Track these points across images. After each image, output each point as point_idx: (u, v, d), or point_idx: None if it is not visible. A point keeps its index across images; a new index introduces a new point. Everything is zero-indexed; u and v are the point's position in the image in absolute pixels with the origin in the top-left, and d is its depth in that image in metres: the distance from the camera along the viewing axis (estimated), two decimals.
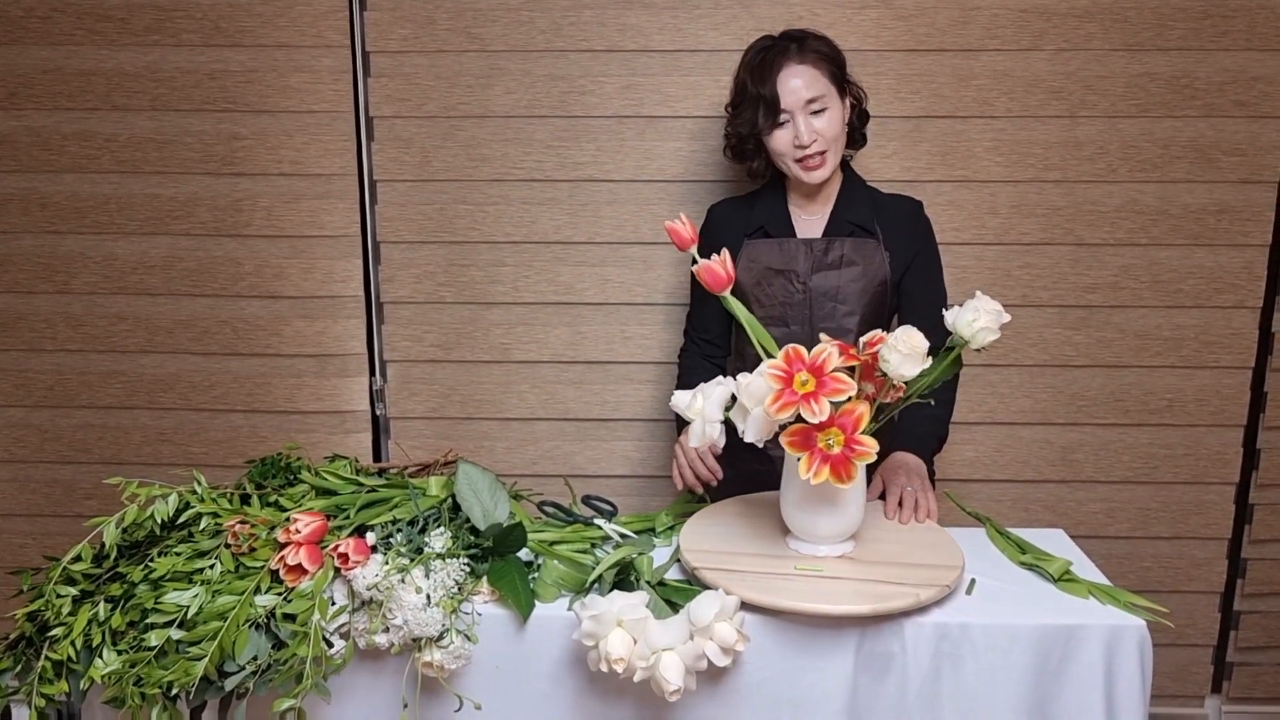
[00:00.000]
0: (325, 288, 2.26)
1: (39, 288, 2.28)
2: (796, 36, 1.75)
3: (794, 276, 1.79)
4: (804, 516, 1.43)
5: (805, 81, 1.71)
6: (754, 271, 1.81)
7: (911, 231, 1.84)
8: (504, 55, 2.17)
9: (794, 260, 1.80)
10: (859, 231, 1.81)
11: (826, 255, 1.79)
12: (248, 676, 1.30)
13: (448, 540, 1.38)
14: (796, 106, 1.71)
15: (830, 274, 1.79)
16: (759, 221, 1.84)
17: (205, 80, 2.18)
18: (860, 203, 1.83)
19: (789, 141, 1.73)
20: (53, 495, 2.36)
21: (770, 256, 1.81)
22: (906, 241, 1.82)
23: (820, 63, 1.72)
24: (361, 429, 2.32)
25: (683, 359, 1.98)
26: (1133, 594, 1.41)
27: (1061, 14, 2.12)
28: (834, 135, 1.73)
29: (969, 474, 2.30)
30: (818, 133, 1.71)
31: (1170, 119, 2.15)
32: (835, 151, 1.75)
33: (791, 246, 1.81)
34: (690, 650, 1.26)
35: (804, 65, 1.71)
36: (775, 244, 1.82)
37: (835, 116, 1.73)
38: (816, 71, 1.71)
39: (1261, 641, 2.37)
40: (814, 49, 1.73)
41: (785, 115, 1.72)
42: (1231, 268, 2.20)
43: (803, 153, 1.72)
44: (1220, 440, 2.27)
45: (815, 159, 1.73)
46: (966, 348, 1.37)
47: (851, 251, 1.79)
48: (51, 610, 1.35)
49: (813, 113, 1.71)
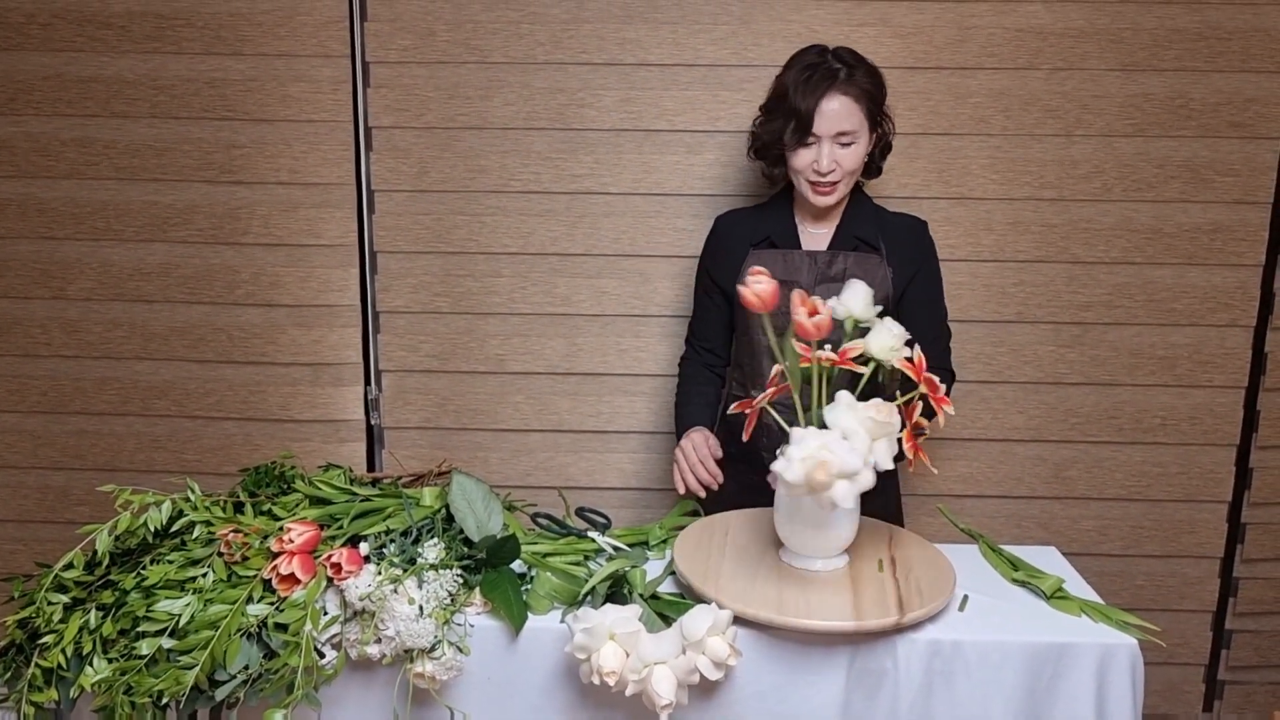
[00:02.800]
0: (322, 296, 2.26)
1: (35, 293, 2.28)
2: (849, 62, 1.74)
3: (798, 288, 1.79)
4: (797, 531, 1.43)
5: (843, 113, 1.71)
6: None
7: (915, 249, 1.86)
8: (503, 67, 2.18)
9: (798, 272, 1.81)
10: (863, 246, 1.83)
11: (830, 268, 1.81)
12: (239, 686, 1.29)
13: (441, 551, 1.38)
14: (827, 133, 1.72)
15: (834, 286, 1.78)
16: (765, 232, 1.86)
17: (205, 88, 2.19)
18: (866, 219, 1.85)
19: (809, 163, 1.74)
20: (45, 501, 2.36)
21: (774, 267, 1.81)
22: (909, 259, 1.85)
23: (862, 97, 1.73)
24: (356, 438, 2.32)
25: (684, 367, 2.00)
26: (1125, 612, 1.41)
27: (1058, 33, 2.13)
28: (852, 168, 1.76)
29: (962, 490, 2.31)
30: (839, 163, 1.73)
31: (1165, 139, 2.16)
32: (848, 182, 1.78)
33: (796, 258, 1.82)
34: (682, 664, 1.26)
35: (847, 97, 1.72)
36: (780, 255, 1.83)
37: (860, 151, 1.75)
38: (856, 106, 1.72)
39: (1253, 661, 2.37)
40: (861, 83, 1.73)
41: (813, 138, 1.73)
42: (1225, 287, 2.21)
43: (819, 178, 1.75)
44: (1213, 459, 2.28)
45: (828, 187, 1.76)
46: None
47: (855, 266, 1.81)
48: (42, 617, 1.34)
49: (841, 144, 1.73)
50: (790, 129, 1.73)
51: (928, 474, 2.22)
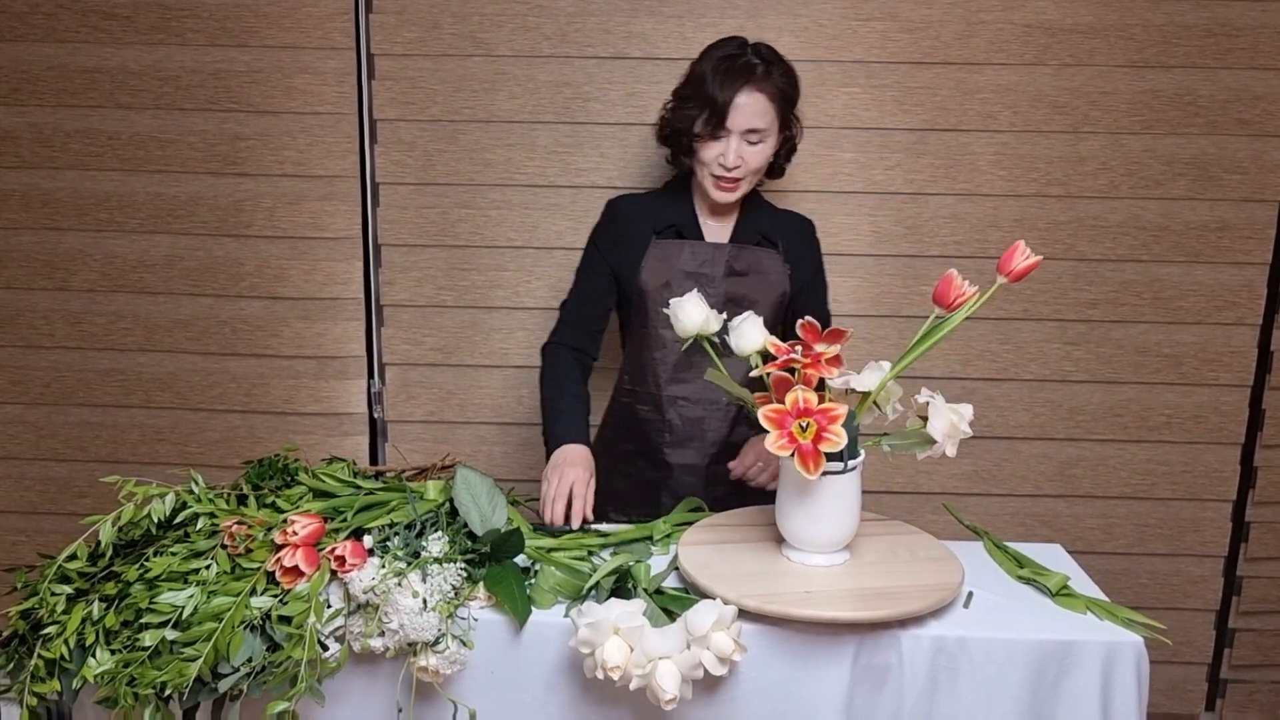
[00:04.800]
0: (325, 289, 2.26)
1: (38, 284, 2.27)
2: (767, 58, 1.71)
3: (707, 281, 1.78)
4: (800, 526, 1.43)
5: (757, 109, 1.68)
6: (662, 272, 1.78)
7: (807, 248, 1.87)
8: (509, 60, 2.17)
9: (708, 264, 1.78)
10: (764, 242, 1.82)
11: (737, 262, 1.79)
12: (242, 678, 1.29)
13: (445, 545, 1.38)
14: (738, 128, 1.69)
15: (741, 280, 1.79)
16: (669, 220, 1.82)
17: (209, 80, 2.18)
18: (764, 216, 1.85)
19: (715, 156, 1.71)
20: (47, 493, 2.36)
21: (683, 259, 1.79)
22: (803, 257, 1.85)
23: (777, 96, 1.70)
24: (359, 432, 2.32)
25: (550, 358, 1.84)
26: (1130, 610, 1.41)
27: (1066, 29, 2.12)
28: (757, 167, 1.73)
29: (967, 487, 2.30)
30: (745, 160, 1.71)
31: (1173, 136, 2.16)
32: (751, 180, 1.76)
33: (705, 250, 1.79)
34: (687, 659, 1.26)
35: (762, 94, 1.68)
36: (688, 246, 1.80)
37: (767, 150, 1.73)
38: (770, 104, 1.69)
39: (1256, 660, 2.37)
40: (777, 81, 1.70)
41: (724, 132, 1.69)
42: (1232, 285, 2.20)
43: (723, 173, 1.71)
44: (1218, 457, 2.27)
45: (731, 183, 1.73)
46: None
47: (758, 261, 1.80)
48: (45, 608, 1.34)
49: (750, 141, 1.70)
50: (703, 120, 1.69)
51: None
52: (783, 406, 1.33)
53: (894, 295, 2.23)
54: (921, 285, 2.22)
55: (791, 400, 1.32)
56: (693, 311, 1.48)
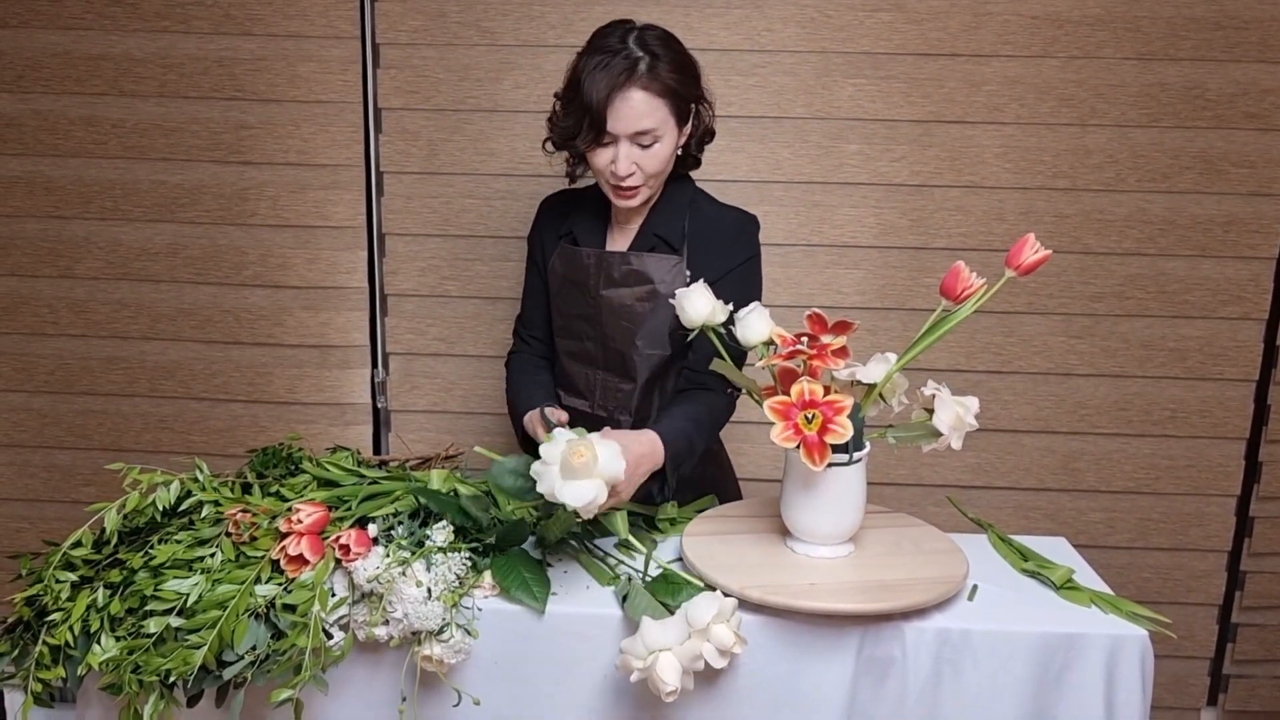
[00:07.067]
0: (329, 279, 2.26)
1: (42, 272, 2.27)
2: (653, 50, 1.54)
3: (584, 290, 1.68)
4: (803, 518, 1.43)
5: (642, 110, 1.52)
6: (555, 279, 1.73)
7: (729, 249, 1.66)
8: (514, 50, 2.16)
9: (584, 273, 1.67)
10: (662, 246, 1.66)
11: (615, 271, 1.65)
12: (246, 666, 1.29)
13: (450, 534, 1.38)
14: (623, 133, 1.53)
15: (620, 290, 1.65)
16: (570, 227, 1.72)
17: (214, 68, 2.18)
18: (675, 216, 1.67)
19: (606, 164, 1.56)
20: (51, 480, 2.36)
21: (567, 266, 1.70)
22: (717, 260, 1.64)
23: (665, 93, 1.53)
24: (362, 421, 2.32)
25: (513, 362, 1.82)
26: (1135, 604, 1.40)
27: (1074, 21, 2.11)
28: (655, 170, 1.58)
29: (970, 480, 2.30)
30: (638, 165, 1.56)
31: (1180, 129, 2.15)
32: (654, 183, 1.61)
33: (582, 258, 1.68)
34: (687, 651, 1.26)
35: (646, 93, 1.52)
36: (574, 254, 1.69)
37: (664, 151, 1.57)
38: (659, 102, 1.53)
39: (1258, 655, 2.37)
40: (663, 77, 1.53)
41: (609, 138, 1.54)
42: (1238, 279, 2.20)
43: (618, 181, 1.57)
44: (1222, 452, 2.27)
45: (629, 191, 1.59)
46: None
47: (646, 267, 1.64)
48: (50, 595, 1.34)
49: (641, 145, 1.55)
50: (585, 128, 1.53)
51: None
52: (788, 398, 1.33)
53: (899, 287, 2.23)
54: (926, 277, 2.21)
55: (797, 392, 1.32)
56: (698, 303, 1.48)
